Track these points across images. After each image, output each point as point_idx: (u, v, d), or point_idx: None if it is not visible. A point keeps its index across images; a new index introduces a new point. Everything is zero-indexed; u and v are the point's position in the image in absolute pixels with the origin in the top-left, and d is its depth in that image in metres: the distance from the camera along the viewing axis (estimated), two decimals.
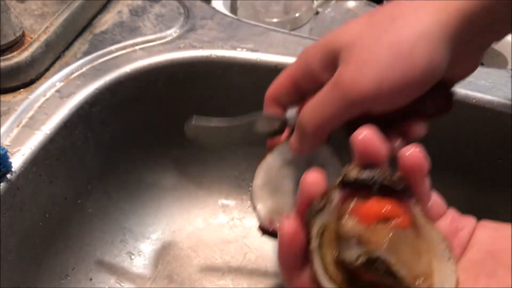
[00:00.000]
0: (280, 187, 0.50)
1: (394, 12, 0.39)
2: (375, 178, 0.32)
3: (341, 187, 0.33)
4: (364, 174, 0.32)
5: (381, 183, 0.32)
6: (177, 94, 0.63)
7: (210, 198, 0.69)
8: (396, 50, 0.37)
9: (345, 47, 0.40)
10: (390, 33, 0.38)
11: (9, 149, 0.51)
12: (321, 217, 0.32)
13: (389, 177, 0.32)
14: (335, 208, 0.32)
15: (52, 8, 0.60)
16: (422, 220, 0.33)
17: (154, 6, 0.66)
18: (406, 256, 0.31)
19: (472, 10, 0.37)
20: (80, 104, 0.56)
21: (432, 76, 0.38)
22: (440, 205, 0.35)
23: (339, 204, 0.33)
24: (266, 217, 0.49)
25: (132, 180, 0.66)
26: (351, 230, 0.31)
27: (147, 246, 0.66)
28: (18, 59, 0.55)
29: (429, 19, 0.37)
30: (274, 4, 0.76)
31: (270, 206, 0.50)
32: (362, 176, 0.32)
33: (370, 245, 0.30)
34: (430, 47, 0.37)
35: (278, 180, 0.50)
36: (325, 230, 0.32)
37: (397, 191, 0.32)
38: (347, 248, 0.31)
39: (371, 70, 0.37)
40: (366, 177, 0.32)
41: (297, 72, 0.44)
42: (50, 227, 0.56)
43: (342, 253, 0.31)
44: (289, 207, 0.49)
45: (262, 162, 0.51)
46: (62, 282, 0.58)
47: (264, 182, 0.50)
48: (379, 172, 0.32)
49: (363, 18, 0.41)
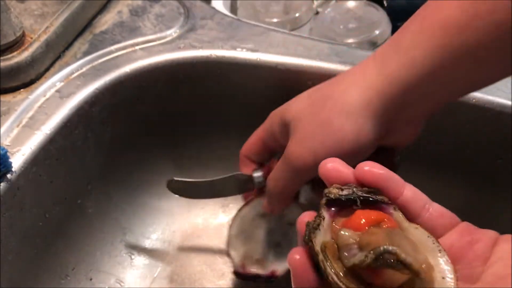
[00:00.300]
0: (252, 236, 0.58)
1: (327, 93, 0.45)
2: (355, 192, 0.35)
3: (327, 206, 0.35)
4: (344, 191, 0.35)
5: (361, 196, 0.35)
6: (177, 94, 0.63)
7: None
8: (327, 128, 0.43)
9: (292, 120, 0.46)
10: (323, 112, 0.44)
11: (9, 149, 0.51)
12: (318, 234, 0.34)
13: (366, 190, 0.35)
14: (328, 226, 0.34)
15: (52, 8, 0.60)
16: (405, 223, 0.34)
17: (154, 6, 0.66)
18: (407, 248, 0.31)
19: (392, 91, 0.41)
20: (80, 104, 0.56)
21: (360, 149, 0.43)
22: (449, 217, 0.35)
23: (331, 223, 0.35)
24: (239, 263, 0.58)
25: (132, 180, 0.66)
26: (350, 238, 0.33)
27: (147, 246, 0.66)
28: (18, 59, 0.55)
29: (354, 100, 0.43)
30: (274, 4, 0.76)
31: (243, 253, 0.58)
32: (344, 193, 0.35)
33: (371, 246, 0.31)
34: (355, 126, 0.43)
35: (251, 230, 0.58)
36: (326, 247, 0.34)
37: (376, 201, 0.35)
38: (352, 255, 0.32)
39: (308, 144, 0.44)
40: (347, 193, 0.35)
41: (264, 134, 0.52)
42: (50, 227, 0.56)
43: (349, 260, 0.32)
44: (260, 253, 0.58)
45: (238, 214, 0.59)
46: (62, 282, 0.58)
47: (238, 232, 0.58)
48: (356, 188, 0.35)
49: (307, 93, 0.48)
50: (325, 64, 0.58)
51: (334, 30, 0.72)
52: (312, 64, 0.59)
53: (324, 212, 0.35)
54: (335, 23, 0.73)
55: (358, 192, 0.35)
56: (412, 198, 0.35)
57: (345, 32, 0.71)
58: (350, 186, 0.35)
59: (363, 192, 0.35)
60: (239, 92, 0.63)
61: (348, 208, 0.35)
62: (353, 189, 0.35)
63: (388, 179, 0.35)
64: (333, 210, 0.35)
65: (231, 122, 0.66)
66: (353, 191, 0.35)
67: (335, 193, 0.35)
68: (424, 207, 0.35)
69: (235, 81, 0.62)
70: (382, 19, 0.72)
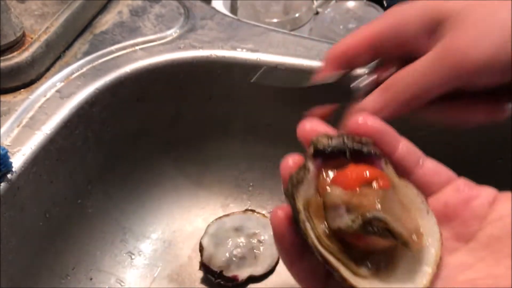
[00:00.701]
0: (222, 244, 0.63)
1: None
2: (346, 143, 0.32)
3: (314, 157, 0.32)
4: (334, 141, 0.32)
5: (352, 147, 0.32)
6: (177, 94, 0.63)
7: (210, 198, 0.69)
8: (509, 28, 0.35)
9: (455, 14, 0.37)
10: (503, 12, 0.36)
11: (10, 149, 0.51)
12: (302, 189, 0.32)
13: (358, 140, 0.32)
14: (312, 179, 0.32)
15: (52, 8, 0.60)
16: (395, 179, 0.33)
17: (154, 6, 0.66)
18: (398, 214, 0.30)
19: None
20: (80, 104, 0.56)
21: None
22: (445, 174, 0.33)
23: (317, 176, 0.32)
24: (208, 257, 0.62)
25: (132, 180, 0.66)
26: (338, 198, 0.31)
27: (147, 246, 0.66)
28: (19, 59, 0.55)
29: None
30: (274, 4, 0.76)
31: (211, 253, 0.62)
32: (333, 143, 0.32)
33: (359, 209, 0.30)
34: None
35: (223, 238, 0.64)
36: (308, 204, 0.32)
37: (367, 154, 0.32)
38: (338, 216, 0.31)
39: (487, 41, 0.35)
40: (337, 142, 0.32)
41: (383, 32, 0.39)
42: (50, 227, 0.56)
43: (334, 222, 0.31)
44: (223, 262, 0.62)
45: (219, 218, 0.66)
46: (62, 282, 0.58)
47: (213, 233, 0.64)
48: (347, 137, 0.32)
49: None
50: None
51: (334, 30, 0.72)
52: (312, 64, 0.59)
53: (310, 163, 0.32)
54: (335, 23, 0.73)
55: (349, 142, 0.32)
56: (407, 153, 0.33)
57: (345, 32, 0.71)
58: (341, 135, 0.33)
59: (354, 142, 0.32)
60: (239, 92, 0.63)
61: (336, 159, 0.32)
62: (344, 139, 0.32)
63: (384, 133, 0.33)
64: (320, 162, 0.32)
65: (231, 122, 0.66)
66: (344, 141, 0.32)
67: (324, 142, 0.32)
68: (418, 163, 0.33)
69: (235, 81, 0.62)
70: None
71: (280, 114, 0.63)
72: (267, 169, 0.67)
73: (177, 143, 0.67)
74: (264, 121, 0.65)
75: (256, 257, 0.63)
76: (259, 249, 0.63)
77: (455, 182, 0.33)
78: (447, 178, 0.33)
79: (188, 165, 0.69)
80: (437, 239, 0.31)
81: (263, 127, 0.65)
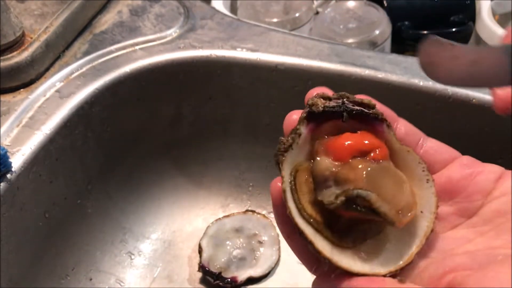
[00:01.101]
0: (221, 245, 0.63)
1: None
2: (344, 105, 0.31)
3: (308, 120, 0.31)
4: (332, 102, 0.31)
5: (352, 109, 0.31)
6: (177, 94, 0.63)
7: (210, 198, 0.69)
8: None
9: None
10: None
11: (9, 149, 0.51)
12: (291, 155, 0.30)
13: (359, 102, 0.31)
14: (304, 145, 0.31)
15: (52, 8, 0.60)
16: (397, 144, 0.32)
17: (154, 6, 0.66)
18: (388, 189, 0.29)
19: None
20: (80, 104, 0.56)
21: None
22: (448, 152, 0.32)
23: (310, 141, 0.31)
24: (207, 259, 0.62)
25: (132, 180, 0.66)
26: (326, 169, 0.30)
27: (147, 246, 0.66)
28: (18, 59, 0.55)
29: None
30: (274, 4, 0.76)
31: (210, 254, 0.62)
32: (331, 104, 0.31)
33: (348, 183, 0.29)
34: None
35: (223, 239, 0.64)
36: (298, 170, 0.31)
37: (368, 117, 0.31)
38: (325, 187, 0.30)
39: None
40: (334, 104, 0.31)
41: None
42: (50, 227, 0.56)
43: (319, 193, 0.30)
44: (223, 263, 0.62)
45: (219, 219, 0.65)
46: (62, 282, 0.58)
47: (213, 234, 0.64)
48: (347, 99, 0.31)
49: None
50: (325, 64, 0.58)
51: (334, 30, 0.72)
52: (312, 64, 0.59)
53: (302, 127, 0.31)
54: (335, 23, 0.73)
55: (348, 104, 0.31)
56: (406, 133, 0.33)
57: (345, 32, 0.71)
58: (342, 96, 0.31)
59: (355, 104, 0.31)
60: (239, 92, 0.63)
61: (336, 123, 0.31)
62: (343, 100, 0.31)
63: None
64: (314, 126, 0.31)
65: (231, 122, 0.66)
66: (343, 102, 0.31)
67: (319, 104, 0.31)
68: (418, 143, 0.33)
69: (235, 81, 0.62)
70: (382, 19, 0.72)
71: (280, 114, 0.63)
72: (267, 169, 0.67)
73: (177, 143, 0.67)
74: (264, 121, 0.64)
75: (256, 258, 0.63)
76: (259, 250, 0.63)
77: (460, 158, 0.32)
78: (451, 156, 0.33)
79: (188, 165, 0.69)
80: (431, 211, 0.30)
81: (263, 127, 0.65)
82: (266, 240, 0.64)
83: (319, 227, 0.30)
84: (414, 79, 0.56)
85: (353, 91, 0.34)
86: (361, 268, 0.29)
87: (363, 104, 0.31)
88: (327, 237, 0.30)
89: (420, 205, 0.31)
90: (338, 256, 0.29)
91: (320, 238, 0.30)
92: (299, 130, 0.31)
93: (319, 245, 0.29)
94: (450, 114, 0.56)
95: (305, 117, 0.31)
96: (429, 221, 0.30)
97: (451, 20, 0.73)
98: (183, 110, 0.65)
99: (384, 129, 0.31)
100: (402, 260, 0.30)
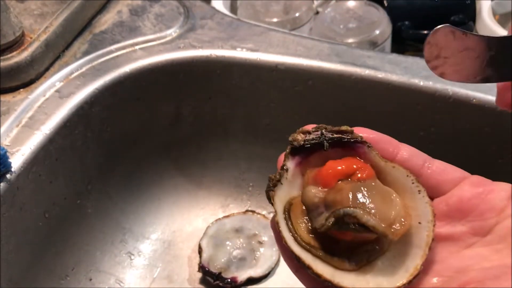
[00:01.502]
0: (221, 245, 0.64)
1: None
2: (323, 135, 0.32)
3: (292, 155, 0.32)
4: (312, 135, 0.32)
5: (330, 138, 0.32)
6: (177, 94, 0.63)
7: (210, 198, 0.69)
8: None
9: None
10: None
11: (9, 149, 0.51)
12: (281, 190, 0.31)
13: (336, 130, 0.32)
14: (294, 179, 0.32)
15: (52, 8, 0.60)
16: (382, 162, 0.32)
17: (154, 6, 0.66)
18: (376, 204, 0.30)
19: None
20: (80, 104, 0.56)
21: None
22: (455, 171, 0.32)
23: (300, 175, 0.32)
24: (207, 259, 0.62)
25: (132, 180, 0.66)
26: (314, 196, 0.31)
27: (147, 246, 0.66)
28: (18, 59, 0.55)
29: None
30: (274, 4, 0.76)
31: (210, 254, 0.62)
32: (310, 137, 0.32)
33: (336, 205, 0.30)
34: None
35: (223, 240, 0.64)
36: (292, 204, 0.32)
37: (348, 142, 0.32)
38: (317, 214, 0.31)
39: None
40: (314, 136, 0.32)
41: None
42: (50, 227, 0.56)
43: (314, 221, 0.31)
44: (223, 263, 0.62)
45: (219, 220, 0.66)
46: (62, 282, 0.58)
47: (213, 235, 0.64)
48: (324, 129, 0.32)
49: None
50: (325, 64, 0.58)
51: (334, 30, 0.72)
52: (312, 64, 0.58)
53: (288, 162, 0.32)
54: (335, 23, 0.73)
55: (328, 134, 0.32)
56: (410, 156, 0.33)
57: (345, 32, 0.71)
58: (319, 128, 0.32)
59: (333, 133, 0.32)
60: (239, 92, 0.63)
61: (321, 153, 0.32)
62: (322, 131, 0.32)
63: (379, 141, 0.33)
64: (299, 159, 0.32)
65: (231, 122, 0.66)
66: (322, 133, 0.32)
67: (299, 139, 0.32)
68: (423, 165, 0.33)
69: (235, 81, 0.62)
70: (382, 19, 0.72)
71: (280, 114, 0.63)
72: (267, 170, 0.67)
73: (177, 143, 0.67)
74: (264, 121, 0.64)
75: (256, 258, 0.63)
76: (259, 251, 0.63)
77: (469, 178, 0.32)
78: (459, 175, 0.33)
79: (188, 165, 0.69)
80: (429, 220, 0.31)
81: (263, 127, 0.65)
82: (266, 241, 0.64)
83: (318, 253, 0.30)
84: (414, 79, 0.56)
85: (353, 91, 0.34)
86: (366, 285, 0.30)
87: (341, 131, 0.32)
88: (328, 262, 0.30)
89: (417, 216, 0.31)
90: (340, 277, 0.30)
91: (320, 262, 0.30)
92: (286, 166, 0.32)
93: (318, 269, 0.30)
94: (450, 114, 0.56)
95: (289, 153, 0.32)
96: (428, 230, 0.30)
97: (451, 20, 0.73)
98: (183, 110, 0.65)
99: (366, 150, 0.32)
100: (408, 273, 0.30)
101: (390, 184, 0.32)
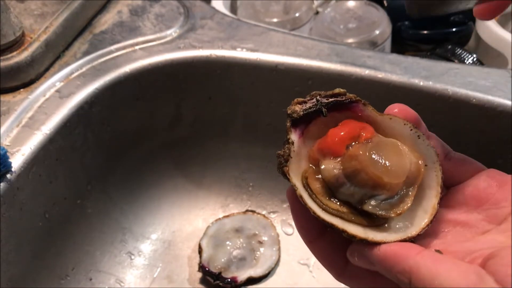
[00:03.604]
0: (221, 245, 0.64)
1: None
2: (319, 102, 0.33)
3: (293, 127, 0.33)
4: (308, 104, 0.33)
5: (327, 103, 0.33)
6: (177, 94, 0.63)
7: (210, 198, 0.69)
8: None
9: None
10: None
11: (9, 149, 0.51)
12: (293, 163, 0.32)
13: (330, 94, 0.34)
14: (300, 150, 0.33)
15: (52, 8, 0.60)
16: (378, 116, 0.34)
17: (154, 6, 0.66)
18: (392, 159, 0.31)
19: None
20: (80, 104, 0.56)
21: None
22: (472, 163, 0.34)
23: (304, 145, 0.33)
24: (207, 259, 0.62)
25: (132, 180, 0.66)
26: (333, 171, 0.32)
27: (147, 246, 0.66)
28: (18, 59, 0.55)
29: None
30: (274, 4, 0.76)
31: (210, 254, 0.63)
32: (307, 106, 0.33)
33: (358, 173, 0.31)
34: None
35: (223, 240, 0.64)
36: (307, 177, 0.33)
37: (344, 104, 0.33)
38: (340, 187, 0.32)
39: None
40: (311, 104, 0.33)
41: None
42: (50, 227, 0.56)
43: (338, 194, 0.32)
44: (223, 263, 0.62)
45: (219, 220, 0.66)
46: (62, 282, 0.58)
47: (213, 234, 0.64)
48: (319, 95, 0.34)
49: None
50: (325, 64, 0.58)
51: (334, 30, 0.72)
52: (312, 64, 0.58)
53: (292, 135, 0.33)
54: (335, 23, 0.73)
55: (323, 99, 0.33)
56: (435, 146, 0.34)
57: (345, 32, 0.71)
58: (314, 95, 0.34)
59: (327, 97, 0.33)
60: (239, 92, 0.63)
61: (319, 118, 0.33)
62: (316, 98, 0.33)
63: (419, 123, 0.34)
64: (302, 129, 0.34)
65: (231, 122, 0.66)
66: (317, 99, 0.33)
67: (298, 110, 0.33)
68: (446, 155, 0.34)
69: (235, 81, 0.62)
70: (382, 19, 0.72)
71: (280, 114, 0.63)
72: (267, 169, 0.67)
73: (177, 143, 0.67)
74: (264, 121, 0.64)
75: (256, 258, 0.63)
76: (259, 250, 0.63)
77: (487, 170, 0.34)
78: (478, 167, 0.34)
79: (188, 165, 0.69)
80: (434, 160, 0.33)
81: (263, 127, 0.65)
82: (266, 240, 0.64)
83: (348, 216, 0.32)
84: (414, 79, 0.56)
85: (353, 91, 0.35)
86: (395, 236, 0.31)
87: (335, 94, 0.34)
88: (358, 223, 0.32)
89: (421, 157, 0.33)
90: (373, 234, 0.31)
91: (350, 225, 0.31)
92: (290, 139, 0.33)
93: (352, 230, 0.31)
94: (450, 114, 0.56)
95: (291, 126, 0.33)
96: (436, 169, 0.32)
97: (451, 20, 0.73)
98: (183, 110, 0.65)
99: (362, 108, 0.34)
100: (428, 214, 0.32)
101: (389, 134, 0.33)
